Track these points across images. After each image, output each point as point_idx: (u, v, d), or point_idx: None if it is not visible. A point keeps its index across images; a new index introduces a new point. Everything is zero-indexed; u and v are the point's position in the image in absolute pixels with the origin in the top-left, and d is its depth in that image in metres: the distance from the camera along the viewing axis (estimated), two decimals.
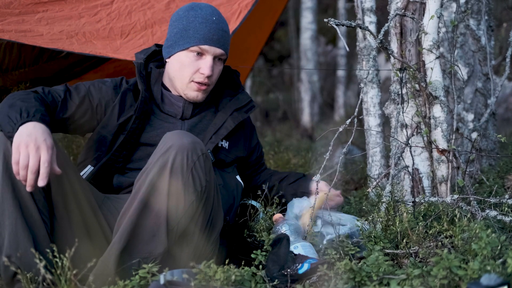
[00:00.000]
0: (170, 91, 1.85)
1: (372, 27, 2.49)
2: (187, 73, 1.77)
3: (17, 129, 1.45)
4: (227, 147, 1.89)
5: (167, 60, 1.83)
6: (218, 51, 1.77)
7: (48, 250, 1.41)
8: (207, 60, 1.75)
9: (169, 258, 1.49)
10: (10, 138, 1.46)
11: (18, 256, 1.43)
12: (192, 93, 1.80)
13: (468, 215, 1.73)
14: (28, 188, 1.41)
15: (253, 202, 2.02)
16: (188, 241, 1.52)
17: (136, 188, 1.50)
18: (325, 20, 1.95)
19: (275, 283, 1.48)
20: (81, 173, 1.76)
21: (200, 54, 1.76)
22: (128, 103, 1.80)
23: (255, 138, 2.07)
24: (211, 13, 1.78)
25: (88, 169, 1.76)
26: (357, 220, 1.79)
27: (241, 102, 1.91)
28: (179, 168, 1.45)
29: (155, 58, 1.91)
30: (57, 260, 1.36)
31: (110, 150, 1.75)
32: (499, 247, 1.44)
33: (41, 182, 1.40)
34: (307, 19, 6.99)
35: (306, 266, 1.51)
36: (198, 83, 1.77)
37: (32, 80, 2.65)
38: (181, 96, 1.83)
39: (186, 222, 1.49)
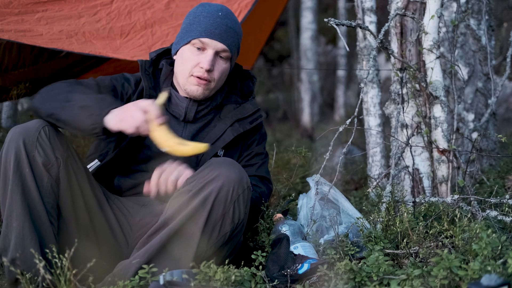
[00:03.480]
0: (177, 91, 1.82)
1: (372, 27, 2.49)
2: (187, 67, 1.73)
3: (102, 119, 1.48)
4: (221, 156, 1.82)
5: (174, 57, 1.80)
6: (219, 45, 1.72)
7: (47, 251, 1.41)
8: (208, 54, 1.71)
9: (171, 260, 1.48)
10: (93, 130, 1.49)
11: (23, 259, 1.41)
12: (192, 87, 1.75)
13: (469, 215, 1.72)
14: (146, 132, 1.49)
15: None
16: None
17: (173, 210, 1.47)
18: (325, 20, 1.94)
19: (275, 283, 1.47)
20: (88, 166, 1.74)
21: (201, 48, 1.72)
22: None
23: (257, 148, 1.89)
24: (218, 9, 1.75)
25: (95, 163, 1.74)
26: (357, 218, 1.79)
27: (245, 113, 1.84)
28: (223, 200, 1.44)
29: (169, 56, 1.87)
30: (56, 260, 1.36)
31: (117, 147, 1.73)
32: (499, 248, 1.44)
33: (159, 120, 1.49)
34: (307, 19, 6.99)
35: (306, 266, 1.50)
36: (198, 77, 1.73)
37: (31, 80, 2.65)
38: (186, 97, 1.79)
39: (215, 251, 1.48)
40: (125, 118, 1.47)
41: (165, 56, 1.87)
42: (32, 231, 1.43)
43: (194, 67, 1.72)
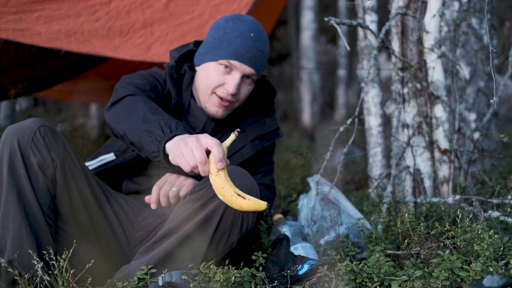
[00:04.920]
0: (195, 102, 1.77)
1: (373, 26, 2.47)
2: (211, 84, 1.68)
3: (164, 146, 1.37)
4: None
5: (196, 68, 1.75)
6: (248, 69, 1.67)
7: (44, 252, 1.40)
8: (235, 77, 1.66)
9: (176, 268, 1.46)
10: (155, 158, 1.39)
11: (20, 261, 1.40)
12: (212, 108, 1.70)
13: (470, 216, 1.71)
14: (203, 174, 1.31)
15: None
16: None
17: (181, 217, 1.45)
18: (326, 19, 1.93)
19: (275, 284, 1.47)
20: (103, 157, 1.73)
21: (228, 68, 1.67)
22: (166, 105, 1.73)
23: (266, 158, 1.88)
24: (250, 28, 1.68)
25: (110, 156, 1.73)
26: (358, 219, 1.78)
27: (266, 129, 1.81)
28: (233, 210, 1.43)
29: (191, 58, 1.81)
30: (54, 262, 1.35)
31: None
32: (501, 248, 1.43)
33: (220, 165, 1.29)
34: (307, 18, 6.98)
35: (306, 267, 1.49)
36: (220, 98, 1.68)
37: (29, 79, 2.64)
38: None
39: (220, 259, 1.47)
40: (185, 153, 1.31)
41: (186, 59, 1.80)
42: (29, 232, 1.42)
43: (218, 86, 1.68)
